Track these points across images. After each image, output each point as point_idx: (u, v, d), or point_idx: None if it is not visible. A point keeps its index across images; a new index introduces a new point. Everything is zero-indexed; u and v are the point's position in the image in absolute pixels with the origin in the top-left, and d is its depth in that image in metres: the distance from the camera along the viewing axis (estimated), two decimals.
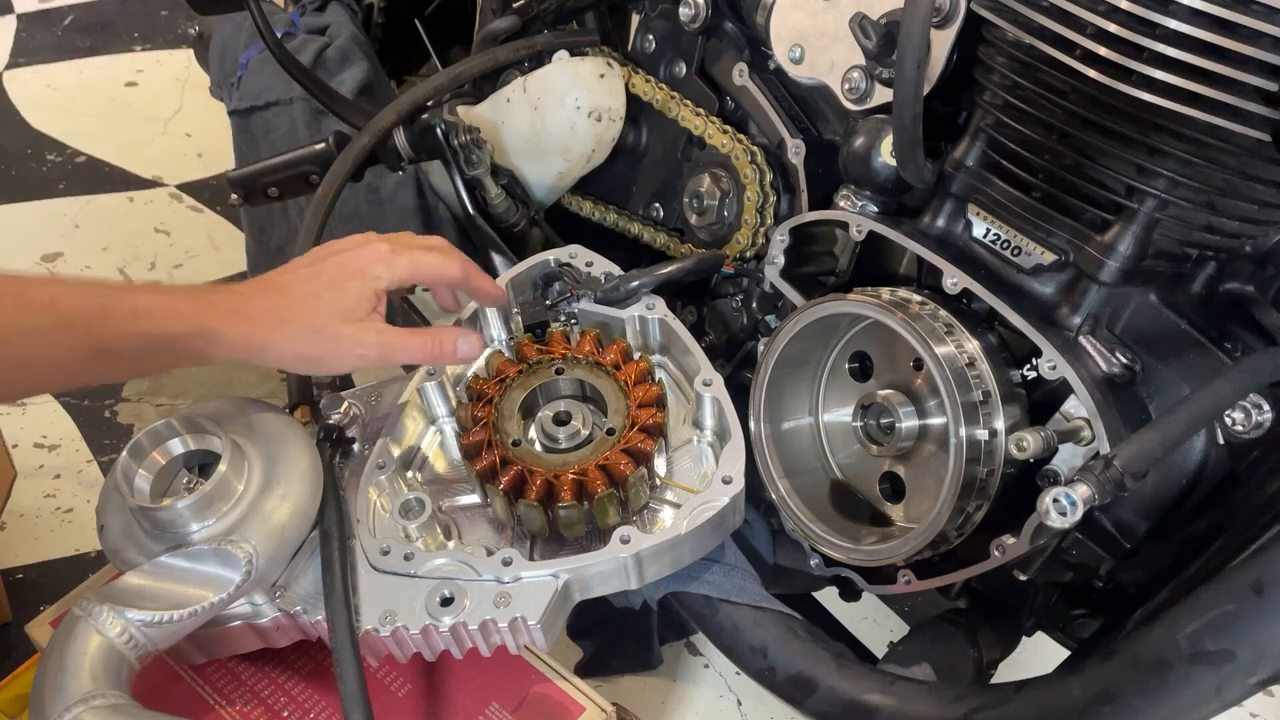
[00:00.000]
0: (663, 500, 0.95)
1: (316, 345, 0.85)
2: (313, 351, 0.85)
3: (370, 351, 0.87)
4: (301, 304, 0.85)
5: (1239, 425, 0.80)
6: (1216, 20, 0.70)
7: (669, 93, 1.21)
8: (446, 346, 0.92)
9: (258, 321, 0.83)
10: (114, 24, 2.93)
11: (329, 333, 0.85)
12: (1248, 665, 0.66)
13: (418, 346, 0.90)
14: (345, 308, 0.86)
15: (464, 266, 0.95)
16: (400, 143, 1.24)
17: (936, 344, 0.84)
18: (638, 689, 1.46)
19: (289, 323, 0.84)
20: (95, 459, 1.79)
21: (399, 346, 0.89)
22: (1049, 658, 0.94)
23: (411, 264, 0.90)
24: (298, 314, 0.85)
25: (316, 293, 0.86)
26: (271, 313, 0.84)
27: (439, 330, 0.92)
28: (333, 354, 0.86)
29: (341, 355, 0.86)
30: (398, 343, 0.88)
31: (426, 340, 0.91)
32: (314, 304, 0.86)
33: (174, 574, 0.81)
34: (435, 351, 0.91)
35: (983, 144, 0.90)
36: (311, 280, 0.87)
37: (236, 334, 0.82)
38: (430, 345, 0.91)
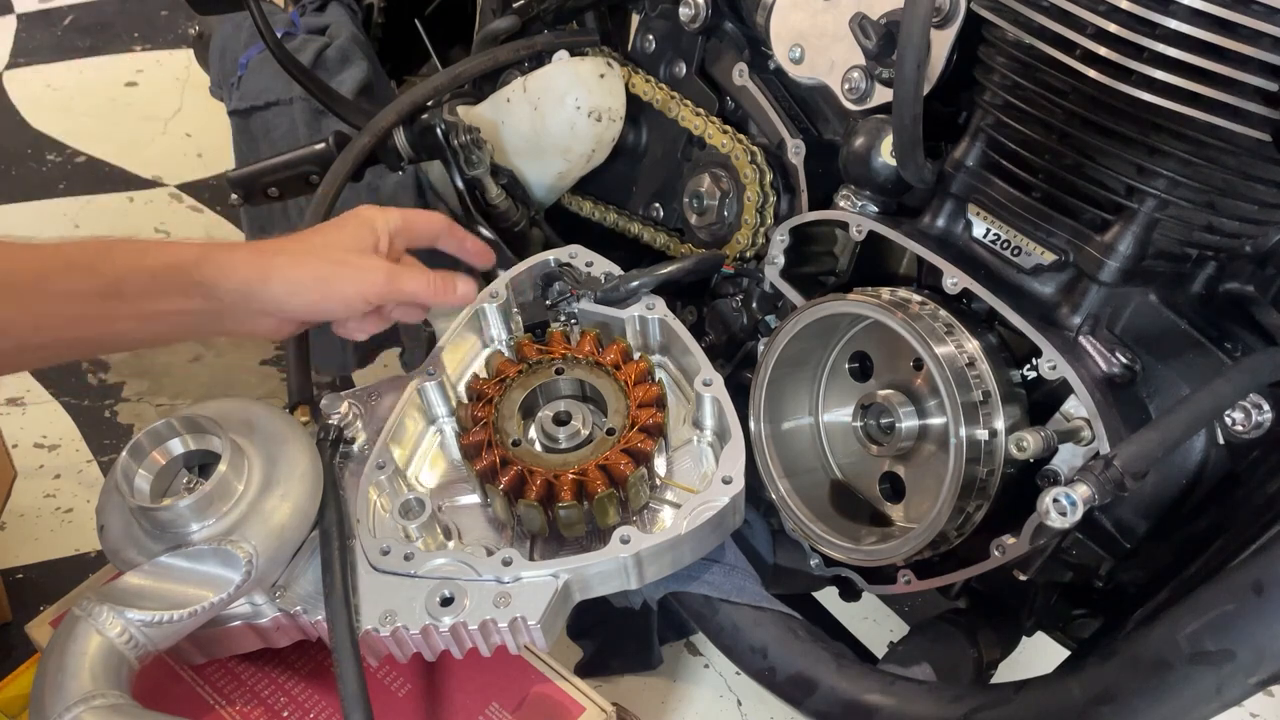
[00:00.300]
0: (663, 500, 0.95)
1: (322, 267, 0.87)
2: (318, 270, 0.87)
3: (376, 276, 0.89)
4: (304, 239, 0.90)
5: (1239, 425, 0.80)
6: (1216, 20, 0.70)
7: (669, 93, 1.21)
8: (448, 284, 0.95)
9: (263, 249, 0.86)
10: (114, 24, 2.93)
11: (333, 256, 0.88)
12: (1248, 665, 0.66)
13: (422, 282, 0.93)
14: (346, 240, 0.90)
15: (446, 221, 0.99)
16: (400, 143, 1.24)
17: (936, 344, 0.84)
18: (638, 689, 1.46)
19: (292, 252, 0.87)
20: (95, 459, 1.79)
21: (404, 276, 0.91)
22: (1049, 658, 0.94)
23: (400, 214, 0.95)
24: (300, 244, 0.88)
25: (316, 232, 0.92)
26: (273, 245, 0.88)
27: (442, 273, 0.95)
28: (338, 277, 0.87)
29: (346, 279, 0.88)
30: (403, 281, 0.91)
31: (432, 277, 0.93)
32: (314, 235, 0.90)
33: (174, 574, 0.81)
34: (438, 287, 0.94)
35: (983, 144, 0.90)
36: (325, 232, 0.92)
37: (241, 257, 0.84)
38: (434, 280, 0.93)
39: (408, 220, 0.96)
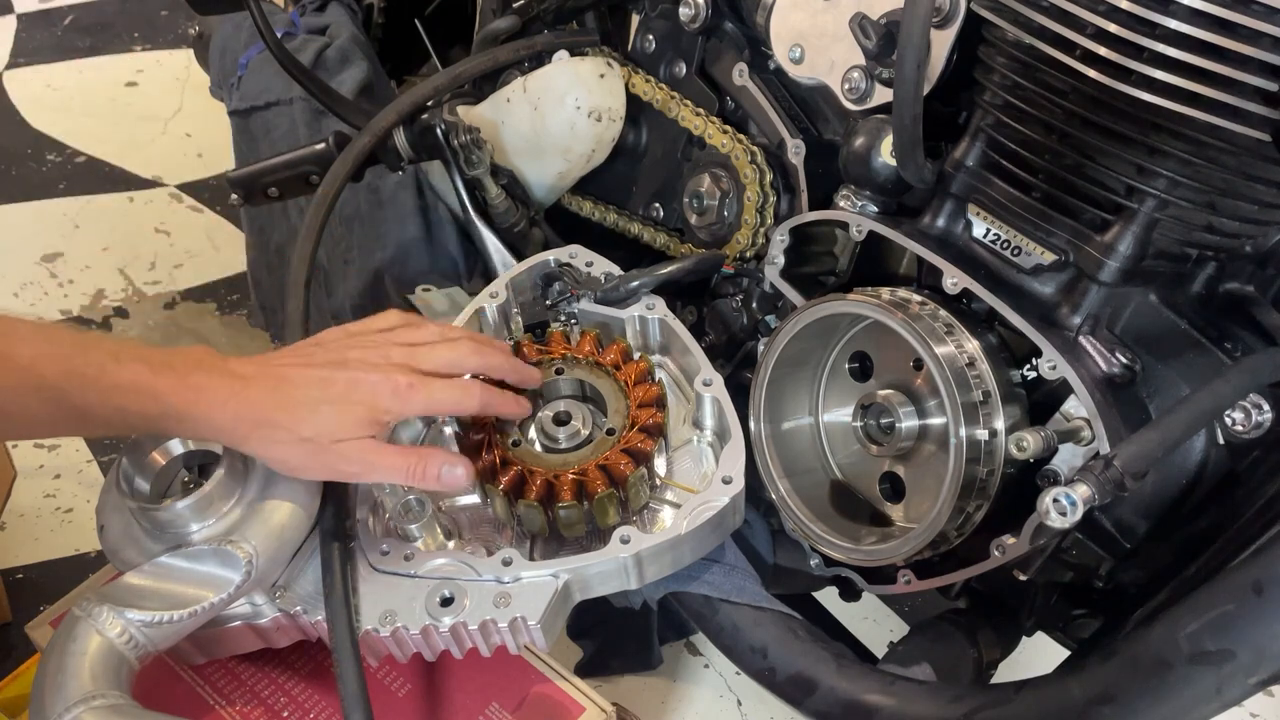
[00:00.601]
0: (663, 500, 0.95)
1: (298, 455, 0.81)
2: (293, 459, 0.82)
3: (351, 468, 0.83)
4: (297, 410, 0.80)
5: (1239, 425, 0.80)
6: (1216, 20, 0.70)
7: (669, 93, 1.21)
8: (431, 471, 0.85)
9: (244, 417, 0.79)
10: (114, 24, 2.93)
11: (314, 445, 0.81)
12: (1248, 665, 0.66)
13: (401, 468, 0.84)
14: (341, 429, 0.81)
15: (483, 401, 0.89)
16: (400, 143, 1.24)
17: (936, 344, 0.84)
18: (638, 689, 1.46)
19: (276, 425, 0.80)
20: (95, 459, 1.79)
21: (380, 465, 0.84)
22: (1049, 658, 0.94)
23: (427, 403, 0.86)
24: (289, 420, 0.80)
25: (316, 405, 0.81)
26: (261, 409, 0.79)
27: (426, 453, 0.86)
28: (310, 465, 0.82)
29: (320, 467, 0.83)
30: (382, 464, 0.84)
31: (411, 461, 0.85)
32: (310, 416, 0.80)
33: (174, 574, 0.81)
34: (418, 475, 0.85)
35: (983, 144, 0.90)
36: (317, 388, 0.82)
37: (218, 424, 0.78)
38: (415, 467, 0.85)
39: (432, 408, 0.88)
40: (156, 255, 2.19)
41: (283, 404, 0.80)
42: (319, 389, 0.82)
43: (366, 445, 0.83)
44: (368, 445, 0.83)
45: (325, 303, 1.48)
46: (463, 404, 0.89)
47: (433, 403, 0.86)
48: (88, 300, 2.09)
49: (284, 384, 0.81)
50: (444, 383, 0.87)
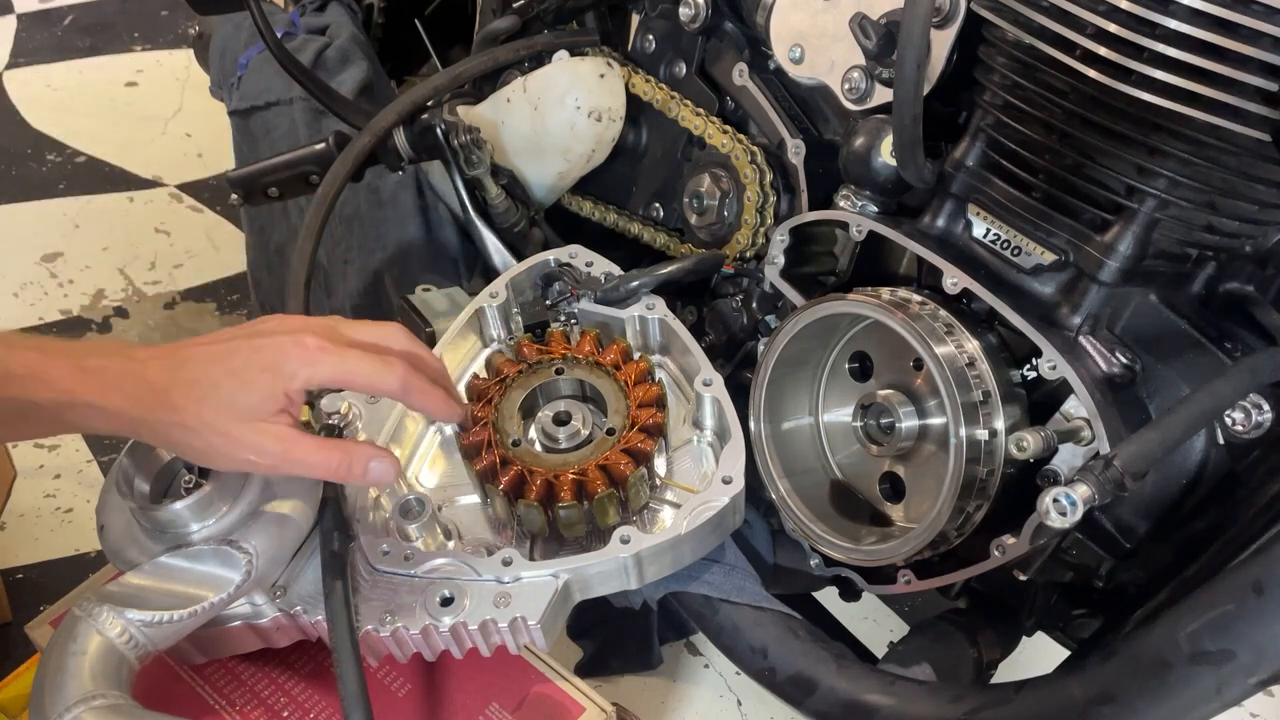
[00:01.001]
0: (663, 500, 0.95)
1: (201, 439, 0.74)
2: (195, 444, 0.75)
3: (263, 459, 0.76)
4: (195, 388, 0.74)
5: (1239, 425, 0.80)
6: (1216, 20, 0.70)
7: (669, 93, 1.21)
8: (356, 467, 0.79)
9: (141, 398, 0.73)
10: (114, 24, 2.93)
11: (217, 428, 0.74)
12: (1248, 665, 0.66)
13: (323, 462, 0.78)
14: (246, 404, 0.75)
15: (404, 381, 0.81)
16: (400, 143, 1.24)
17: (936, 344, 0.84)
18: (638, 689, 1.46)
19: (175, 407, 0.73)
20: (95, 459, 1.79)
21: (299, 459, 0.77)
22: (1049, 658, 0.94)
23: (339, 368, 0.78)
24: (188, 399, 0.74)
25: (217, 380, 0.75)
26: (158, 390, 0.74)
27: (352, 446, 0.80)
28: (218, 451, 0.75)
29: (228, 455, 0.76)
30: (299, 454, 0.77)
31: (335, 456, 0.78)
32: (211, 392, 0.74)
33: (174, 574, 0.81)
34: (343, 471, 0.78)
35: (983, 144, 0.90)
36: (217, 363, 0.76)
37: (113, 408, 0.72)
38: (339, 463, 0.78)
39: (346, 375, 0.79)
40: (156, 255, 2.19)
41: (181, 382, 0.74)
42: (221, 361, 0.76)
43: (283, 433, 0.76)
44: (284, 433, 0.76)
45: (325, 303, 1.48)
46: (380, 378, 0.80)
47: (345, 368, 0.78)
48: (88, 300, 2.09)
49: (185, 362, 0.75)
50: (361, 352, 0.80)
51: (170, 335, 2.02)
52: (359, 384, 0.81)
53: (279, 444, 0.76)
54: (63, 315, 2.06)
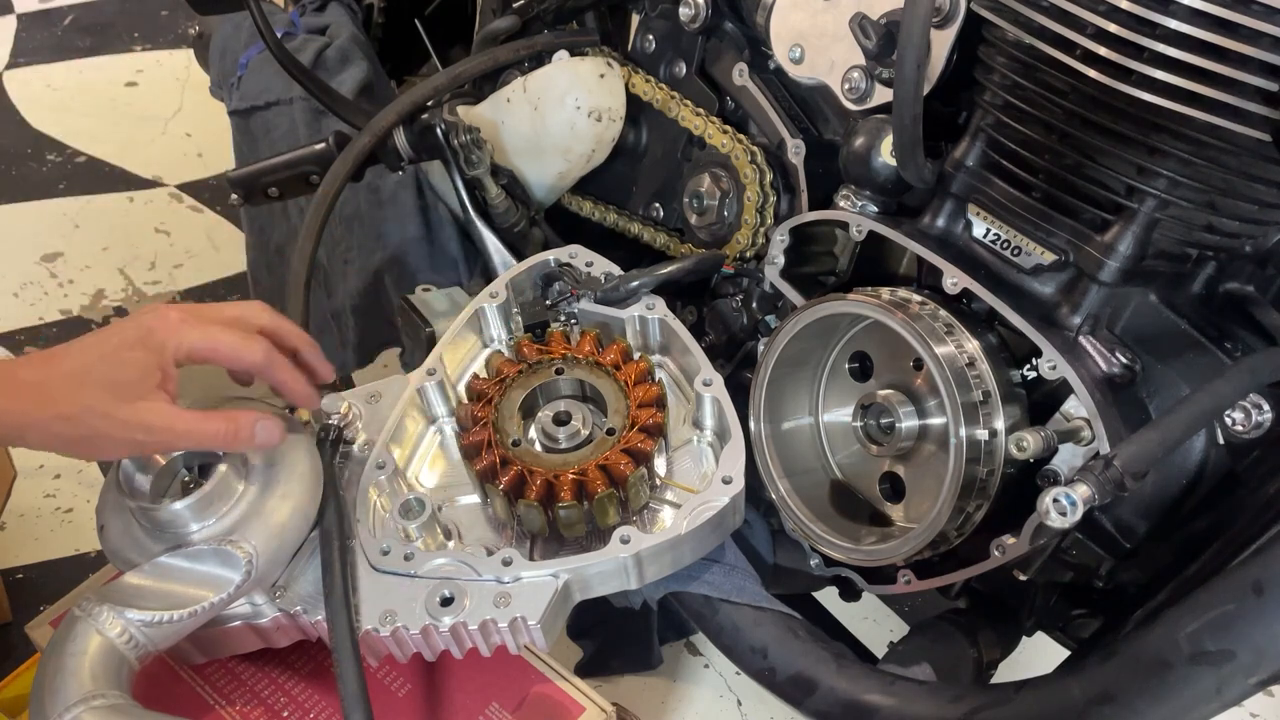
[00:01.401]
0: (663, 500, 0.95)
1: (83, 426, 0.74)
2: (78, 432, 0.74)
3: (149, 437, 0.77)
4: (69, 379, 0.75)
5: (1239, 425, 0.80)
6: (1216, 20, 0.70)
7: (669, 93, 1.21)
8: (244, 432, 0.81)
9: (20, 395, 0.73)
10: (114, 24, 2.93)
11: (97, 411, 0.74)
12: (1248, 665, 0.66)
13: (210, 432, 0.79)
14: (120, 382, 0.75)
15: (267, 354, 0.84)
16: (400, 143, 1.24)
17: (936, 344, 0.84)
18: (638, 689, 1.46)
19: (53, 399, 0.74)
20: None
21: (185, 431, 0.78)
22: (1049, 658, 0.94)
23: (205, 337, 0.81)
24: (65, 388, 0.74)
25: (88, 366, 0.75)
26: (33, 389, 0.74)
27: (235, 414, 0.82)
28: (102, 436, 0.75)
29: (111, 438, 0.76)
30: (183, 426, 0.78)
31: (220, 426, 0.80)
32: (83, 378, 0.75)
33: (174, 574, 0.81)
34: (230, 437, 0.80)
35: (983, 144, 0.90)
36: (88, 350, 0.77)
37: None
38: (225, 430, 0.80)
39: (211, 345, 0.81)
40: (156, 255, 2.19)
41: (57, 375, 0.75)
42: (92, 349, 0.77)
43: (165, 409, 0.77)
44: (166, 409, 0.77)
45: (325, 303, 1.48)
46: (245, 348, 0.83)
47: (210, 337, 0.81)
48: (88, 300, 2.09)
49: (57, 357, 0.76)
50: (225, 326, 0.83)
51: None
52: (224, 353, 0.82)
53: (163, 419, 0.77)
54: (63, 315, 2.06)
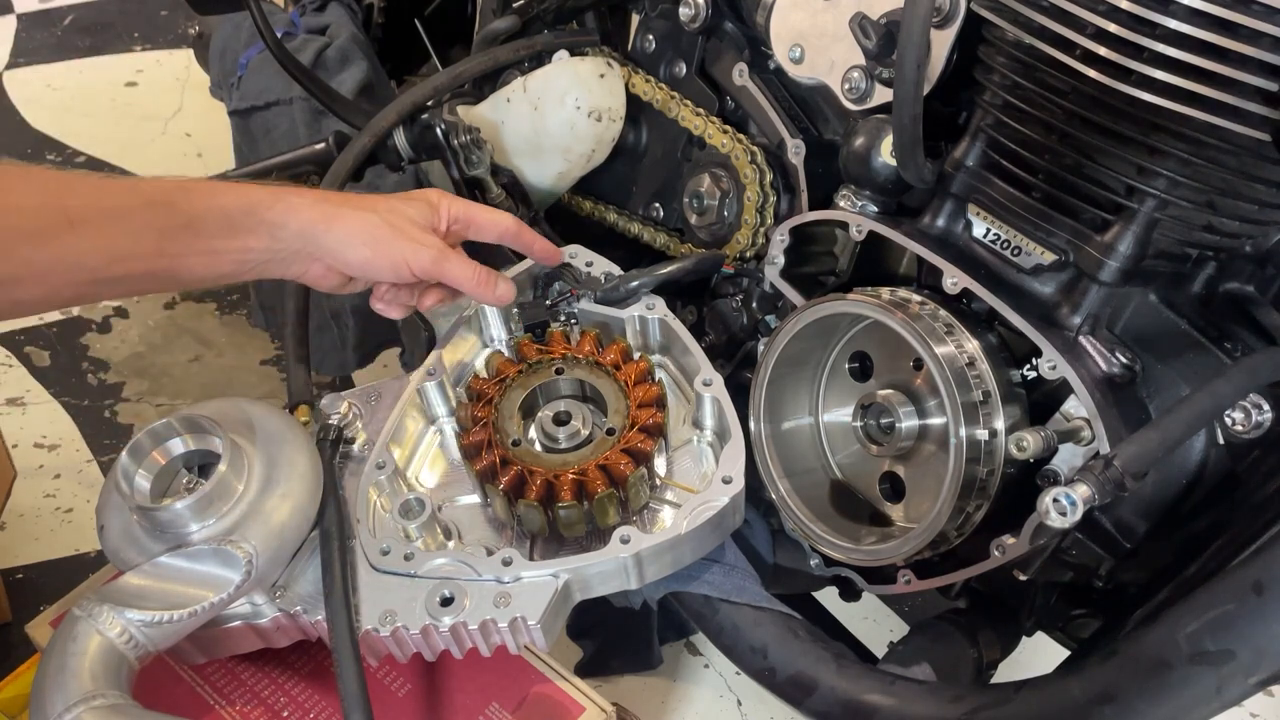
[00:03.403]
0: (663, 500, 0.95)
1: (380, 228, 0.89)
2: (375, 232, 0.89)
3: (426, 252, 0.90)
4: (371, 201, 0.91)
5: (1239, 425, 0.80)
6: (1216, 20, 0.70)
7: (669, 93, 1.21)
8: (490, 281, 0.96)
9: (330, 199, 0.89)
10: (114, 24, 2.93)
11: (391, 223, 0.90)
12: (1248, 665, 0.66)
13: (467, 272, 0.94)
14: (410, 211, 0.92)
15: (516, 222, 1.00)
16: (400, 143, 1.24)
17: (936, 344, 0.84)
18: (638, 689, 1.46)
19: (356, 205, 0.89)
20: (95, 459, 1.79)
21: (451, 260, 0.93)
22: (1049, 658, 0.94)
23: (467, 205, 0.97)
24: (366, 203, 0.90)
25: (384, 198, 0.93)
26: (342, 197, 0.91)
27: (487, 269, 0.96)
28: (391, 240, 0.89)
29: (398, 246, 0.89)
30: (453, 257, 0.93)
31: (476, 271, 0.94)
32: (383, 203, 0.92)
33: (174, 574, 0.81)
34: (480, 280, 0.95)
35: (983, 144, 0.90)
36: (380, 197, 0.94)
37: (308, 201, 0.87)
38: (478, 276, 0.95)
39: (471, 213, 0.98)
40: None
41: (357, 197, 0.92)
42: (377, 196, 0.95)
43: (439, 243, 0.93)
44: (440, 243, 0.93)
45: (325, 302, 1.49)
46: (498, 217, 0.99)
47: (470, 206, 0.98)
48: None
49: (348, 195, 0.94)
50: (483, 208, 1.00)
51: (170, 335, 2.02)
52: (481, 219, 0.98)
53: (436, 250, 0.92)
54: (63, 315, 2.06)
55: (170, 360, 1.98)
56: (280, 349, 1.94)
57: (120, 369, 1.96)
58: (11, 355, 1.98)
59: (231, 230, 0.84)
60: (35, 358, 1.98)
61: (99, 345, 2.01)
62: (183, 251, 0.82)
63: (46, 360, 1.98)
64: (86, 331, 2.03)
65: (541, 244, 1.03)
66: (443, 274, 0.93)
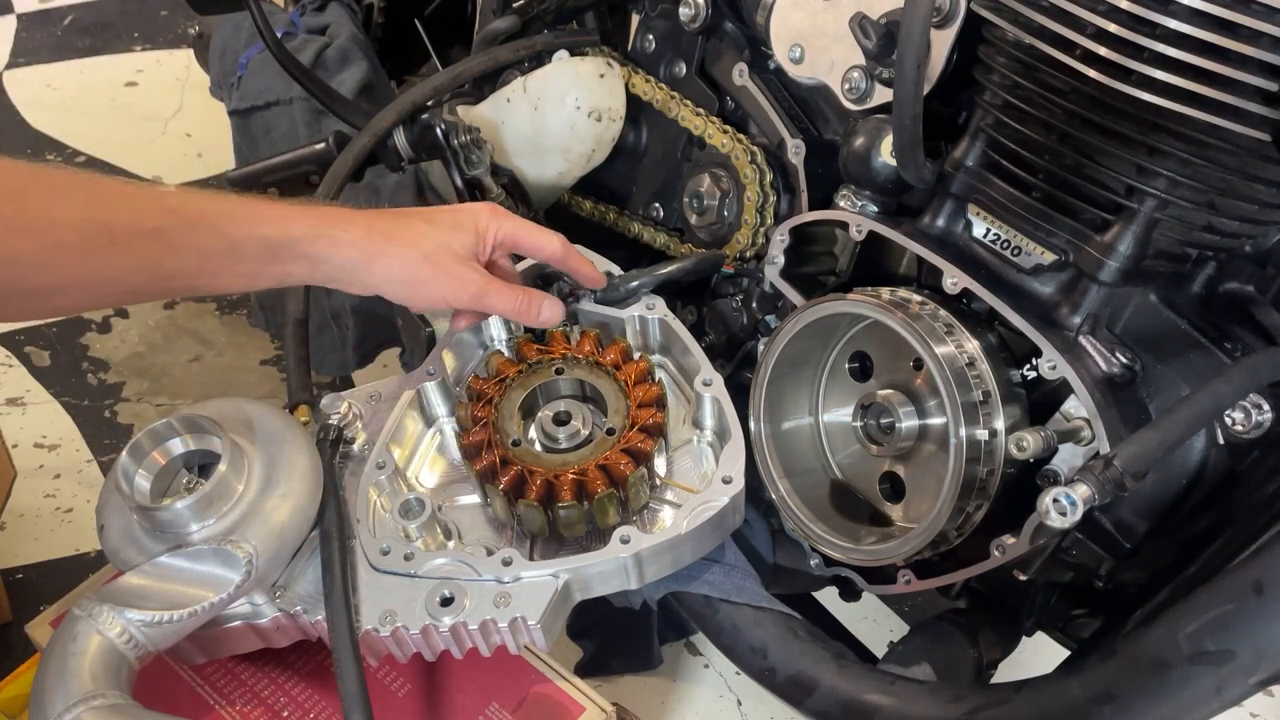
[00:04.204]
0: (663, 500, 0.95)
1: (422, 268, 0.89)
2: (417, 273, 0.89)
3: (467, 289, 0.91)
4: (413, 230, 0.90)
5: (1239, 425, 0.80)
6: (1216, 20, 0.70)
7: (669, 93, 1.21)
8: (533, 308, 0.96)
9: (373, 231, 0.88)
10: (114, 24, 2.93)
11: (435, 260, 0.90)
12: (1248, 665, 0.66)
13: (508, 299, 0.94)
14: (454, 246, 0.91)
15: (563, 244, 0.99)
16: (400, 143, 1.24)
17: (936, 344, 0.84)
18: (638, 689, 1.46)
19: (400, 241, 0.89)
20: (95, 459, 1.79)
21: (492, 292, 0.93)
22: (1049, 658, 0.94)
23: (518, 225, 0.97)
24: (409, 237, 0.90)
25: (428, 227, 0.92)
26: (385, 229, 0.89)
27: (530, 290, 0.96)
28: (432, 280, 0.90)
29: (441, 284, 0.91)
30: (492, 289, 0.93)
31: (517, 296, 0.95)
32: (427, 232, 0.91)
33: (174, 574, 0.81)
34: (522, 308, 0.95)
35: (983, 144, 0.90)
36: (425, 218, 0.93)
37: (351, 238, 0.87)
38: (520, 302, 0.95)
39: (519, 237, 0.97)
40: None
41: (403, 225, 0.91)
42: (427, 218, 0.93)
43: (481, 274, 0.93)
44: (482, 274, 0.93)
45: (325, 302, 1.49)
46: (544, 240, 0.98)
47: (520, 227, 0.97)
48: None
49: (401, 215, 0.93)
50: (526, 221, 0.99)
51: (170, 335, 2.02)
52: (528, 240, 0.98)
53: (480, 281, 0.92)
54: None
55: (170, 360, 1.98)
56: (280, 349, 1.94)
57: (120, 369, 1.96)
58: (11, 355, 1.98)
59: (273, 258, 0.85)
60: (35, 358, 1.98)
61: (99, 345, 2.01)
62: (223, 271, 0.84)
63: (46, 360, 1.98)
64: (86, 331, 2.03)
65: (588, 269, 1.03)
66: (484, 307, 0.95)
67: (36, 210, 0.74)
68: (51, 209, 0.75)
